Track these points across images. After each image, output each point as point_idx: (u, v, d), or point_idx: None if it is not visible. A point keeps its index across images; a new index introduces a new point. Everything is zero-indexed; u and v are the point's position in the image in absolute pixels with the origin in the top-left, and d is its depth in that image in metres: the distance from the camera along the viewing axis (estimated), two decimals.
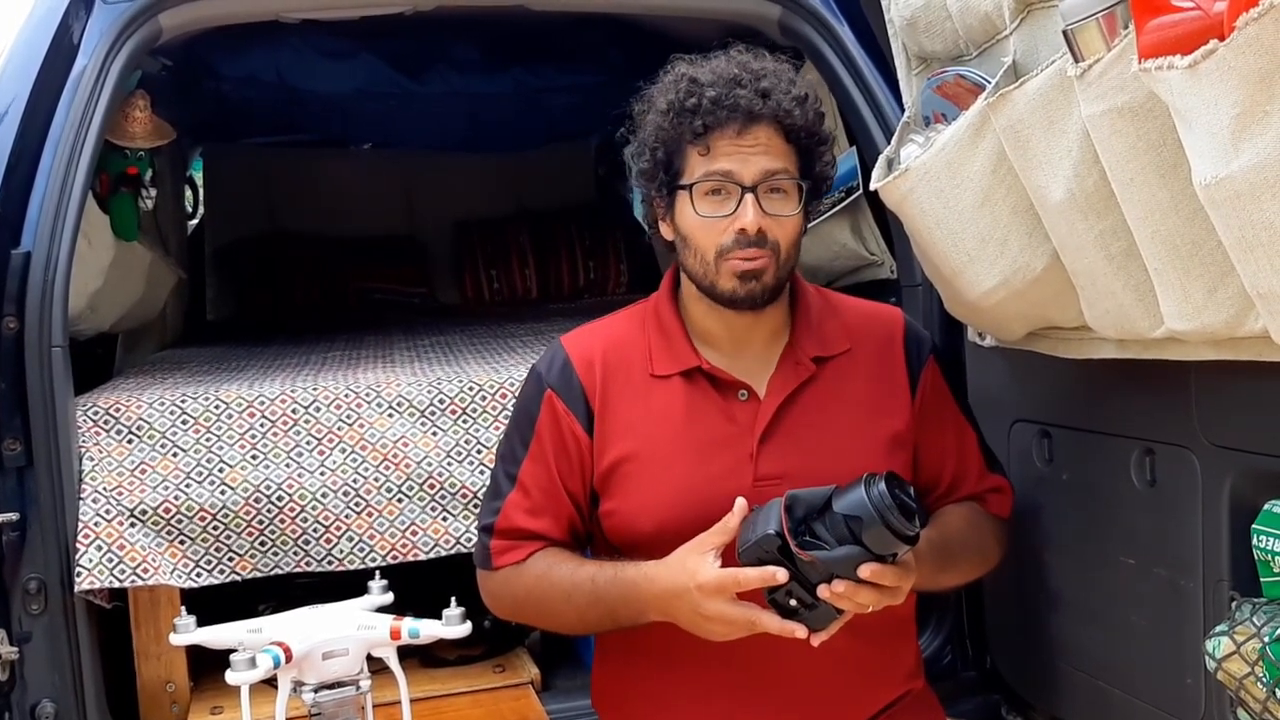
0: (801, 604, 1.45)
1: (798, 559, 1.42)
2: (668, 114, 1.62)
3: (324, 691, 1.67)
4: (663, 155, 1.64)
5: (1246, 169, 1.12)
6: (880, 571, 1.42)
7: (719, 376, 1.69)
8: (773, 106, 1.58)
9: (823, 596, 1.43)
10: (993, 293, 1.75)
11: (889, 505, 1.40)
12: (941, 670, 2.35)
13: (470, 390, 2.36)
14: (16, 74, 2.21)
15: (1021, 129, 1.53)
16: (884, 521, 1.40)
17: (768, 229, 1.59)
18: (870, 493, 1.41)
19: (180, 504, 2.16)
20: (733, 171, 1.59)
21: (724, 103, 1.57)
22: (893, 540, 1.41)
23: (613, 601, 1.60)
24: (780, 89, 1.60)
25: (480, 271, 4.55)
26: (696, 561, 1.50)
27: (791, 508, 1.44)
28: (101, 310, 2.75)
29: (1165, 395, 1.69)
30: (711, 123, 1.58)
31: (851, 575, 1.42)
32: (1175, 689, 1.74)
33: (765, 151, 1.59)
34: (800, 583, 1.44)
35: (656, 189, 1.67)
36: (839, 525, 1.42)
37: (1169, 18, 1.18)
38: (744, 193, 1.59)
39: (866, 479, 1.43)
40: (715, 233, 1.61)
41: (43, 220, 2.12)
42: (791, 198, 1.62)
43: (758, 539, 1.44)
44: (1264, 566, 1.52)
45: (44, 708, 2.05)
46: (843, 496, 1.43)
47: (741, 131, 1.58)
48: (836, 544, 1.42)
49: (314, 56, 4.11)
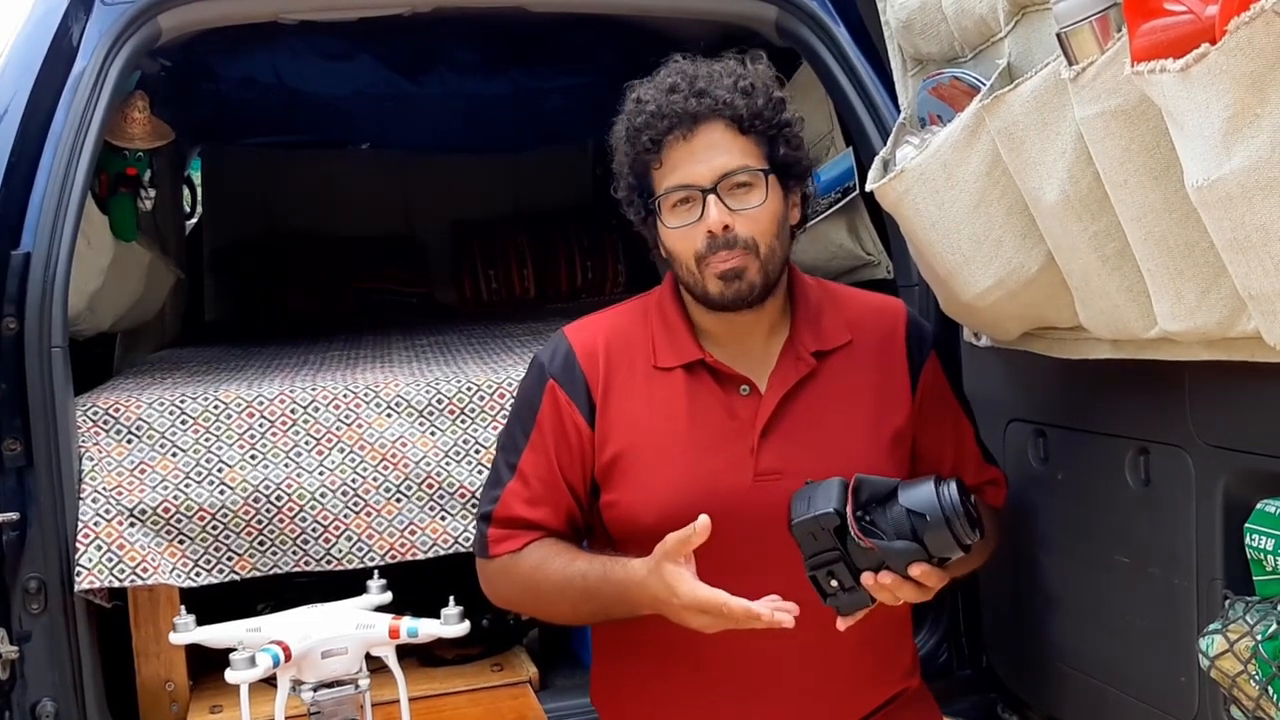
0: (841, 587, 1.46)
1: (852, 542, 1.43)
2: (624, 140, 1.65)
3: (323, 690, 1.68)
4: (633, 181, 1.67)
5: (1238, 171, 1.13)
6: (928, 573, 1.44)
7: (721, 370, 1.70)
8: (709, 103, 1.59)
9: (865, 584, 1.44)
10: (988, 293, 1.75)
11: (957, 511, 1.41)
12: (937, 669, 2.36)
13: (468, 390, 2.37)
14: (16, 75, 2.22)
15: (1016, 131, 1.53)
16: (949, 526, 1.41)
17: (736, 225, 1.60)
18: (940, 493, 1.42)
19: (179, 504, 2.16)
20: (689, 178, 1.60)
21: (663, 112, 1.59)
22: (951, 545, 1.42)
23: (605, 599, 1.61)
24: (718, 84, 1.60)
25: (478, 272, 4.55)
26: (674, 577, 1.49)
27: (858, 490, 1.44)
28: (100, 310, 2.75)
29: (1159, 395, 1.70)
30: (656, 135, 1.60)
31: (901, 570, 1.43)
32: (1169, 687, 1.75)
33: (717, 150, 1.60)
34: (847, 565, 1.44)
35: (636, 214, 1.70)
36: (901, 519, 1.43)
37: (1162, 21, 1.19)
38: (704, 195, 1.59)
39: (936, 479, 1.44)
40: (689, 241, 1.62)
41: (42, 221, 2.12)
42: (758, 188, 1.62)
43: (817, 514, 1.44)
44: (1257, 565, 1.53)
45: (44, 706, 2.06)
46: (909, 491, 1.44)
47: (688, 136, 1.59)
48: (894, 537, 1.42)
49: (312, 58, 4.11)
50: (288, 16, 2.71)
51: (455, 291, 4.57)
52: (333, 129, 4.65)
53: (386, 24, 2.84)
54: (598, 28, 3.62)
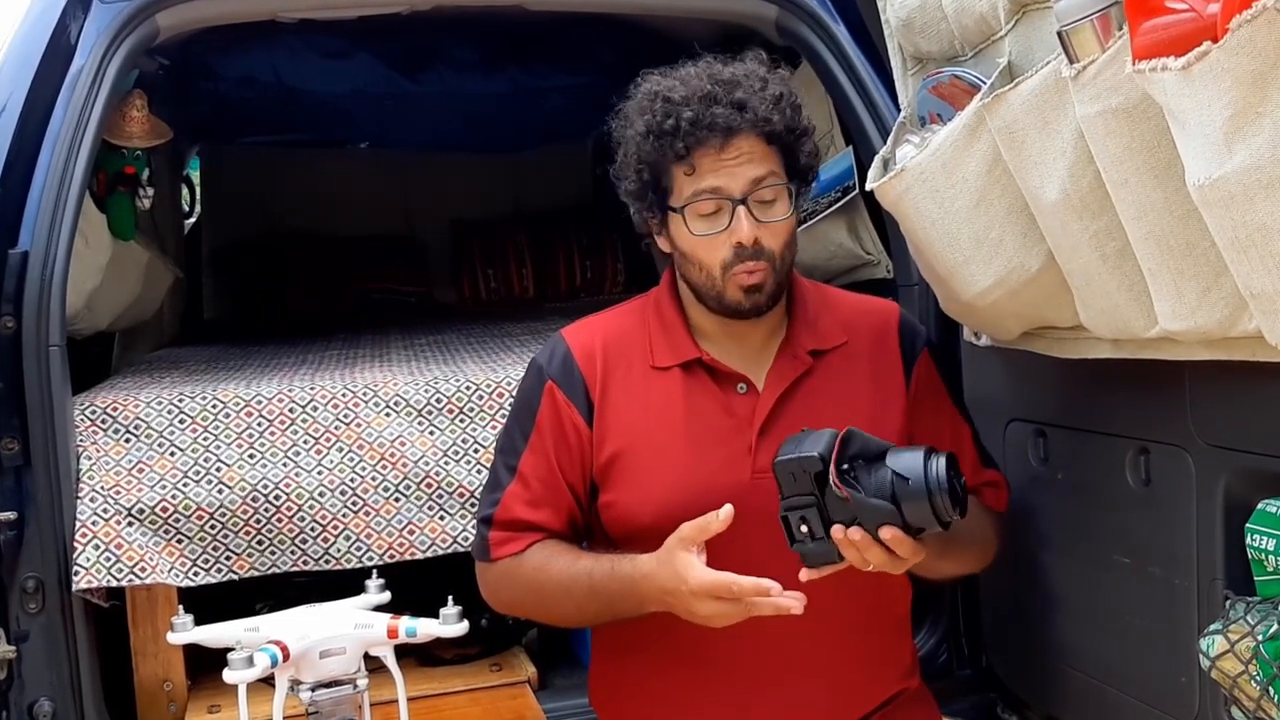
0: (810, 535, 1.45)
1: (830, 492, 1.42)
2: (647, 136, 1.61)
3: (321, 690, 1.67)
4: (649, 176, 1.64)
5: (1240, 170, 1.13)
6: (899, 540, 1.43)
7: (718, 369, 1.70)
8: (750, 118, 1.58)
9: (835, 537, 1.44)
10: (988, 292, 1.75)
11: (941, 485, 1.41)
12: (937, 669, 2.36)
13: (467, 390, 2.37)
14: (14, 73, 2.21)
15: (1016, 130, 1.53)
16: (929, 497, 1.40)
17: (762, 238, 1.60)
18: (929, 464, 1.42)
19: (178, 503, 2.16)
20: (721, 187, 1.59)
21: (702, 122, 1.57)
22: (929, 517, 1.42)
23: (610, 596, 1.60)
24: (755, 96, 1.59)
25: (477, 271, 4.55)
26: (684, 564, 1.50)
27: (847, 442, 1.44)
28: (99, 309, 2.75)
29: (1160, 395, 1.70)
30: (692, 143, 1.58)
31: (872, 529, 1.42)
32: (1170, 687, 1.75)
33: (749, 160, 1.59)
34: (820, 512, 1.44)
35: (647, 208, 1.68)
36: (884, 480, 1.42)
37: (1163, 19, 1.19)
38: (735, 206, 1.59)
39: (928, 450, 1.44)
40: (714, 248, 1.61)
41: (40, 219, 2.12)
42: (782, 201, 1.62)
43: (801, 455, 1.44)
44: (1258, 565, 1.53)
45: (41, 706, 2.05)
46: (899, 455, 1.44)
47: (724, 146, 1.58)
48: (873, 495, 1.42)
49: (311, 56, 4.11)
50: (286, 15, 2.71)
51: (454, 291, 4.57)
52: (332, 128, 4.65)
53: (386, 22, 2.84)
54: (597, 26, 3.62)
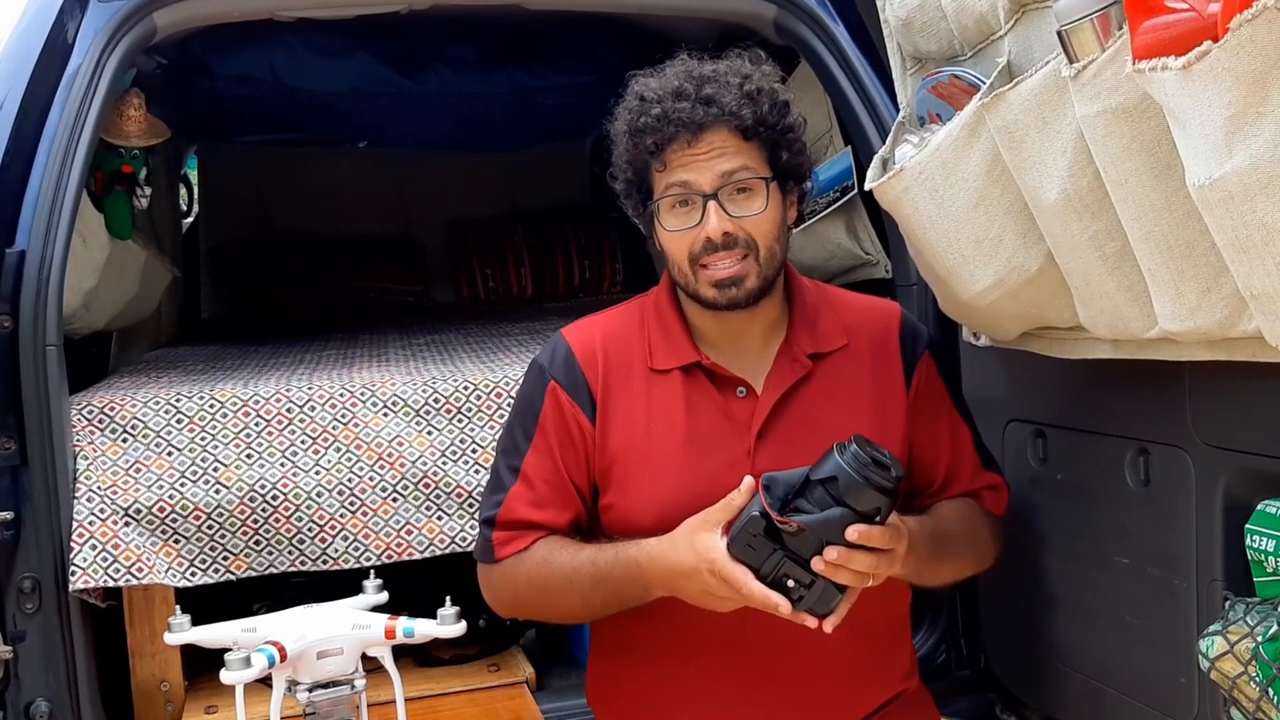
0: (799, 583, 1.45)
1: (784, 532, 1.43)
2: (627, 135, 1.64)
3: (319, 691, 1.67)
4: (632, 175, 1.67)
5: (1240, 170, 1.13)
6: (868, 533, 1.43)
7: (718, 372, 1.69)
8: (716, 113, 1.58)
9: (817, 569, 1.43)
10: (987, 293, 1.75)
11: (862, 461, 1.42)
12: (936, 669, 2.36)
13: (465, 389, 2.36)
14: (11, 72, 2.21)
15: (1016, 129, 1.53)
16: (861, 475, 1.42)
17: (737, 230, 1.60)
18: (844, 455, 1.44)
19: (175, 503, 2.15)
20: (690, 181, 1.60)
21: (670, 117, 1.58)
22: (873, 494, 1.42)
23: (616, 583, 1.59)
24: (727, 91, 1.59)
25: (475, 270, 4.54)
26: (708, 543, 1.49)
27: (770, 487, 1.46)
28: (96, 309, 2.74)
29: (1159, 395, 1.70)
30: (661, 139, 1.59)
31: (840, 539, 1.42)
32: (1169, 688, 1.75)
33: (721, 155, 1.59)
34: (794, 560, 1.44)
35: (634, 207, 1.71)
36: (819, 494, 1.44)
37: (1163, 19, 1.18)
38: (705, 200, 1.59)
39: (836, 446, 1.46)
40: (685, 243, 1.63)
41: (37, 219, 2.12)
42: (759, 194, 1.62)
43: (743, 524, 1.45)
44: (1257, 566, 1.53)
45: (38, 706, 2.05)
46: (817, 468, 1.46)
47: (693, 141, 1.59)
48: (820, 509, 1.43)
49: (309, 55, 4.10)
50: (284, 13, 2.70)
51: (452, 290, 4.56)
52: (329, 127, 4.64)
53: (383, 21, 2.83)
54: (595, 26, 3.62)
